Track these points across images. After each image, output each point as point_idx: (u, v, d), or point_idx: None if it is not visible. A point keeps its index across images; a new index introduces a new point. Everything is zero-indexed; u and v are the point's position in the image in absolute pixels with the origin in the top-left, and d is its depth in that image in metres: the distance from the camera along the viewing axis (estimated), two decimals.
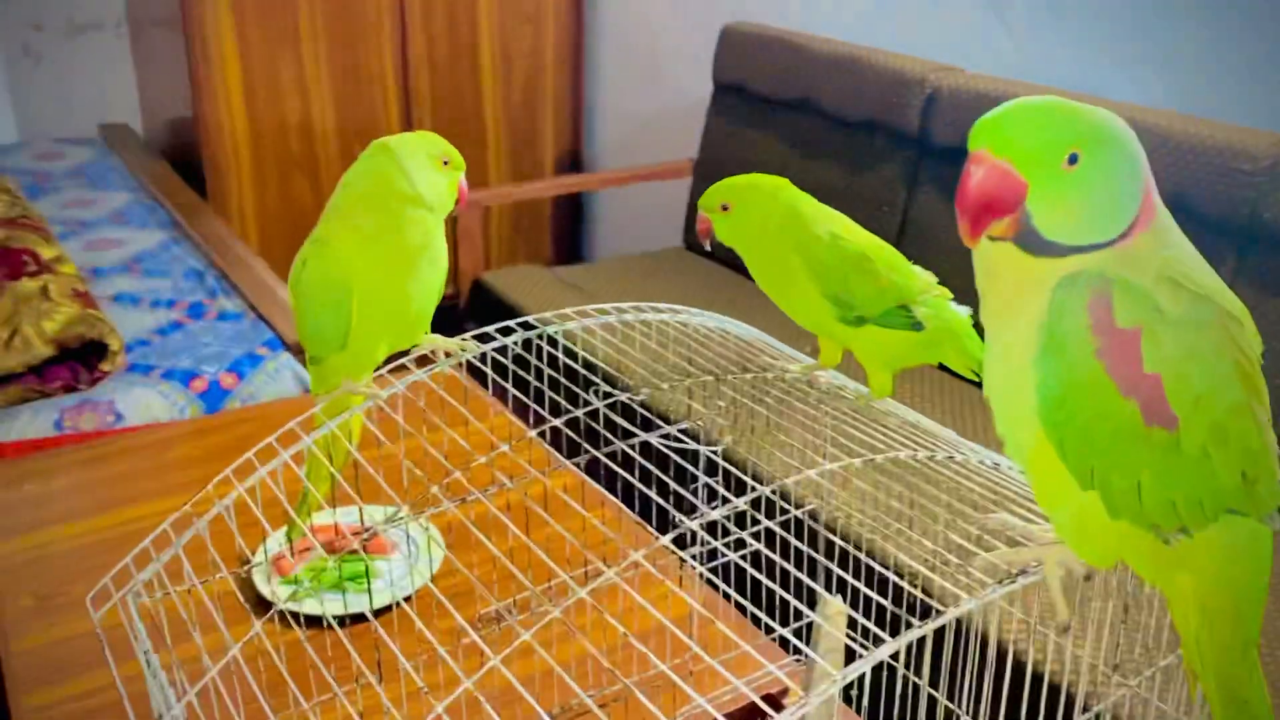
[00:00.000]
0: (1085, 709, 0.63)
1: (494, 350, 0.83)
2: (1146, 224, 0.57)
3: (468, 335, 0.86)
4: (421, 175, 0.84)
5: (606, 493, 0.85)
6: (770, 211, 0.85)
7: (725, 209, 0.86)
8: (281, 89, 3.02)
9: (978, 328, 0.89)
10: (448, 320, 0.89)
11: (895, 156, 2.35)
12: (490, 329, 0.85)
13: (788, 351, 0.91)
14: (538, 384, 0.86)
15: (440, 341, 0.87)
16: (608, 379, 1.67)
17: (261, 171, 3.07)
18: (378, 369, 0.88)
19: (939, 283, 0.89)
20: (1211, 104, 1.95)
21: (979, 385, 2.29)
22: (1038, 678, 1.23)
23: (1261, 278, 1.75)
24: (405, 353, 0.88)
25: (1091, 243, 0.56)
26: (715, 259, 2.81)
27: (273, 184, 3.09)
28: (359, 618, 1.12)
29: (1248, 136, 1.77)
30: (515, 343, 0.84)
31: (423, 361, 0.87)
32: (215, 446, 1.59)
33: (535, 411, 0.86)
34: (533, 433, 0.78)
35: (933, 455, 0.70)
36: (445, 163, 0.85)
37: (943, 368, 0.90)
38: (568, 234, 3.62)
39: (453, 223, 2.72)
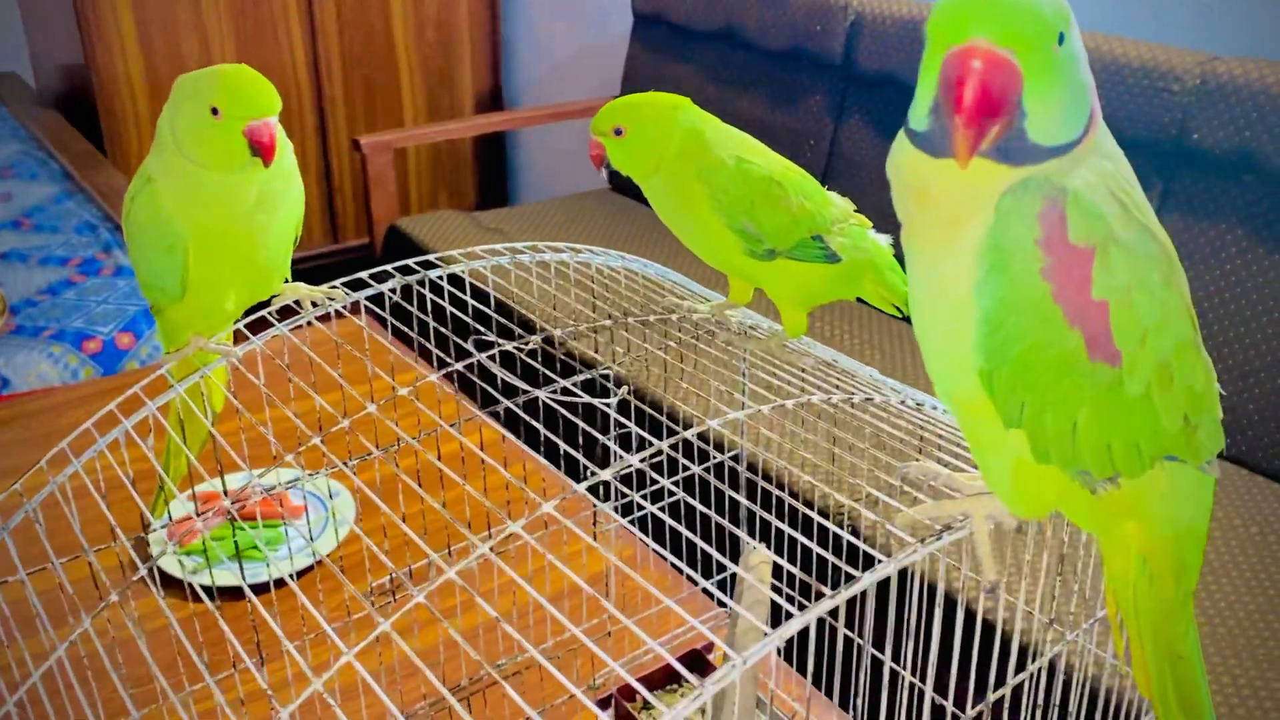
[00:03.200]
0: (1034, 657, 0.58)
1: (368, 297, 0.75)
2: (1095, 125, 0.50)
3: (337, 282, 0.77)
4: (184, 127, 0.71)
5: (521, 444, 0.78)
6: (668, 135, 0.77)
7: (619, 133, 0.77)
8: (177, 31, 2.85)
9: (899, 258, 0.83)
10: (362, 265, 0.79)
11: (820, 87, 2.27)
12: (365, 274, 0.77)
13: (700, 291, 0.84)
14: (436, 327, 0.78)
15: (304, 290, 0.78)
16: (511, 322, 1.59)
17: None
18: (236, 323, 0.78)
19: (858, 211, 0.82)
20: (1137, 24, 1.90)
21: (901, 319, 2.23)
22: (983, 626, 1.20)
23: (1190, 201, 1.72)
24: (266, 304, 0.79)
25: (1063, 142, 0.48)
26: (643, 199, 2.72)
27: None
28: (263, 587, 1.04)
29: (1174, 56, 1.73)
30: (392, 290, 0.75)
31: (287, 313, 0.78)
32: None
33: (438, 357, 0.78)
34: (435, 375, 0.70)
35: (851, 398, 0.63)
36: (214, 111, 0.70)
37: (862, 301, 0.83)
38: (492, 177, 3.50)
39: (361, 167, 2.60)
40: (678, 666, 0.79)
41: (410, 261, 0.79)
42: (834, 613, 0.61)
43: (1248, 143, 1.63)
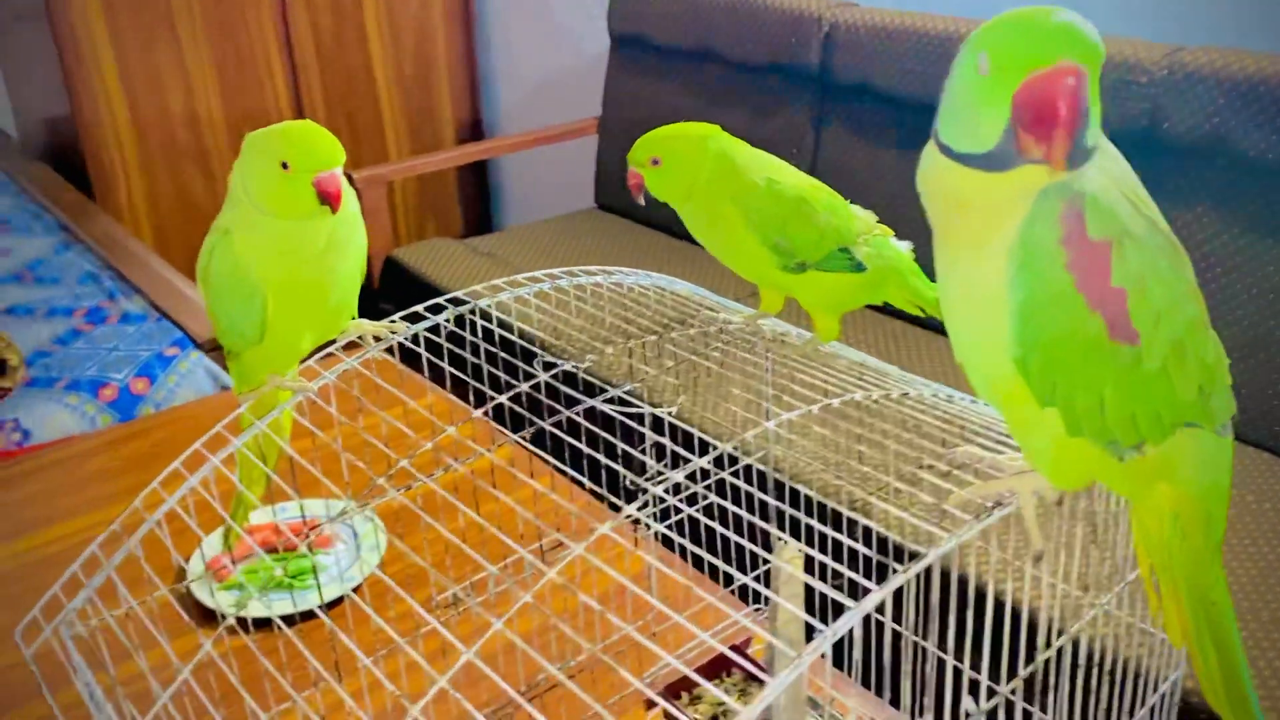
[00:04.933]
0: (1060, 632, 0.63)
1: (426, 330, 0.80)
2: (1100, 135, 0.56)
3: (395, 317, 0.82)
4: (255, 182, 0.77)
5: (555, 461, 0.83)
6: (701, 162, 0.83)
7: (656, 163, 0.83)
8: (162, 80, 2.89)
9: (919, 263, 0.88)
10: (360, 301, 0.84)
11: (800, 98, 2.34)
12: (419, 308, 0.82)
13: (727, 303, 0.89)
14: (475, 360, 0.83)
15: (367, 326, 0.83)
16: (546, 348, 1.64)
17: (150, 166, 2.94)
18: (304, 360, 0.83)
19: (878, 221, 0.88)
20: (1104, 19, 1.98)
21: (918, 322, 2.30)
22: (1014, 610, 1.25)
23: (1164, 189, 1.79)
24: (332, 342, 0.84)
25: (1096, 144, 0.55)
26: (630, 216, 2.78)
27: (163, 178, 2.97)
28: (307, 615, 1.08)
29: (1141, 49, 1.80)
30: (448, 320, 0.80)
31: (352, 349, 0.83)
32: (134, 456, 1.53)
33: (475, 388, 0.83)
34: (477, 413, 0.75)
35: (887, 394, 0.69)
36: (284, 165, 0.75)
37: (881, 307, 0.89)
38: (476, 204, 3.55)
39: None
40: (737, 659, 0.84)
41: (460, 293, 0.83)
42: (882, 609, 0.66)
43: (1216, 128, 1.70)
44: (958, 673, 0.71)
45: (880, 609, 0.50)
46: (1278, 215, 1.67)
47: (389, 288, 2.61)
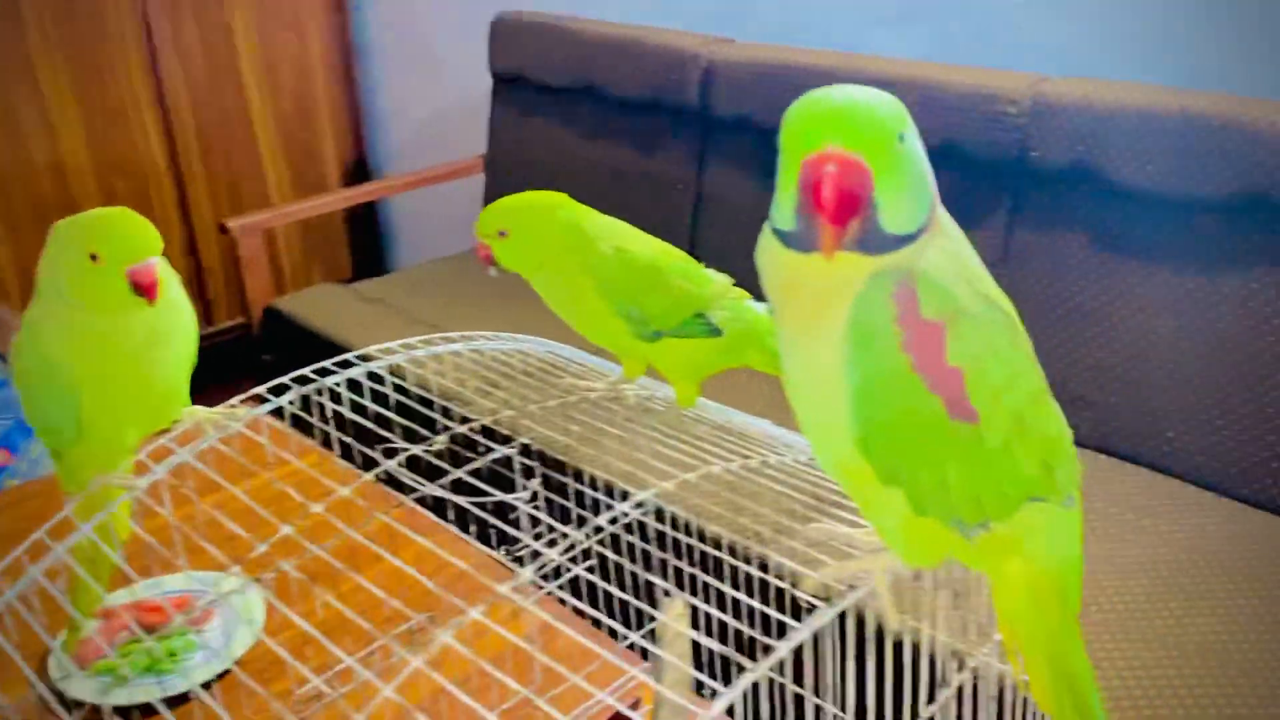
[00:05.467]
0: (931, 699, 0.62)
1: (268, 412, 0.75)
2: (935, 209, 0.56)
3: (235, 400, 0.78)
4: (64, 274, 0.72)
5: (450, 523, 0.79)
6: (550, 232, 0.81)
7: (503, 235, 0.81)
8: (23, 128, 2.76)
9: None
10: (241, 350, 0.79)
11: (682, 133, 2.34)
12: (260, 390, 0.78)
13: (594, 363, 0.87)
14: (341, 435, 0.79)
15: (202, 414, 0.79)
16: (423, 414, 1.60)
17: (13, 220, 2.81)
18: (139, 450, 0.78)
19: (732, 268, 0.86)
20: (970, 52, 2.02)
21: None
22: (894, 667, 1.25)
23: (1037, 216, 1.83)
24: (165, 432, 0.79)
25: (912, 230, 0.54)
26: None
27: (29, 233, 2.84)
28: (180, 699, 1.02)
29: (1007, 80, 1.84)
30: (292, 401, 0.76)
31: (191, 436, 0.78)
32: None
33: (360, 449, 0.78)
34: (367, 475, 0.71)
35: (748, 462, 0.67)
36: (94, 257, 0.70)
37: None
38: (365, 246, 3.48)
39: (231, 250, 2.56)
40: (631, 716, 0.81)
41: (307, 371, 0.79)
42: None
43: (1082, 156, 1.75)
44: None
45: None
46: (1144, 240, 1.72)
47: (271, 338, 2.53)
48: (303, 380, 0.78)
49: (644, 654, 1.05)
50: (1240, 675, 1.27)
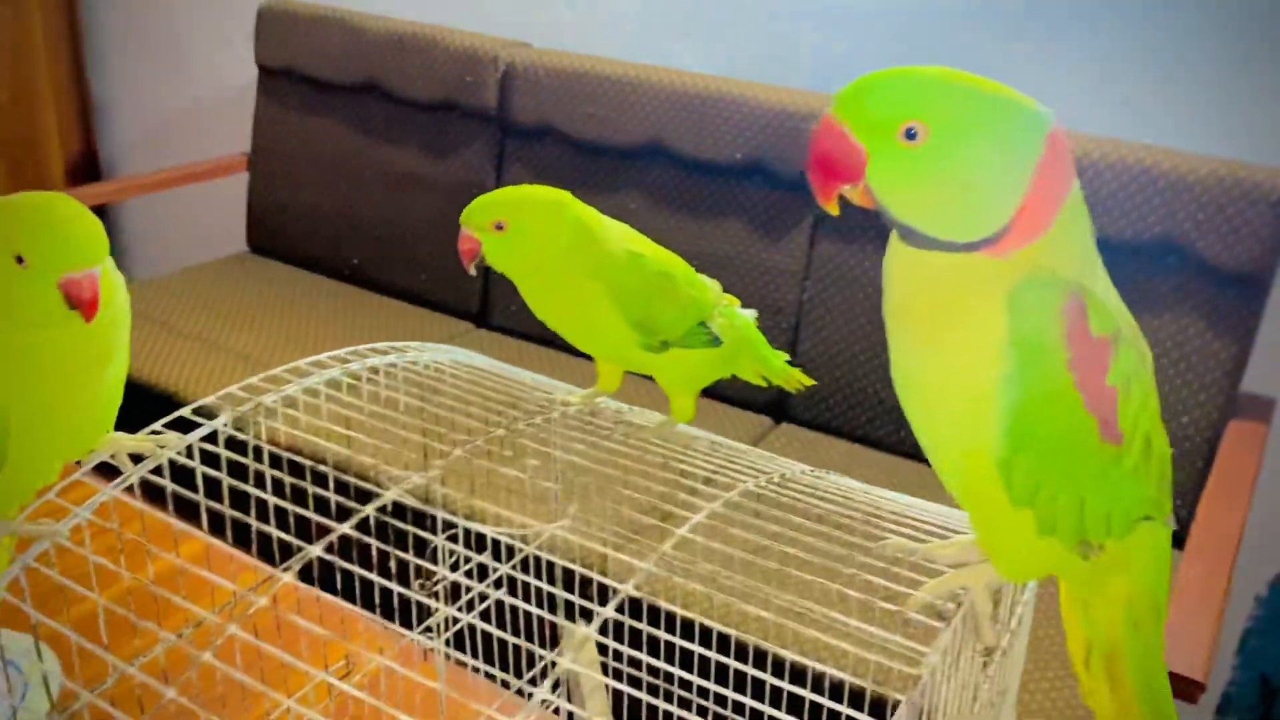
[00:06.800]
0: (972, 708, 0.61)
1: (178, 452, 0.63)
2: (1030, 235, 0.52)
3: (159, 424, 0.65)
4: None
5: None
6: (556, 230, 0.73)
7: (500, 228, 0.72)
8: None
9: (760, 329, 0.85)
10: None
11: (478, 136, 2.26)
12: (156, 427, 0.65)
13: (544, 381, 0.80)
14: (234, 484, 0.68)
15: (126, 443, 0.65)
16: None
17: None
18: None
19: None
20: (763, 71, 2.08)
21: (767, 390, 2.24)
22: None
23: (837, 227, 1.91)
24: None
25: (965, 239, 0.52)
26: (288, 259, 2.56)
27: None
28: None
29: (809, 99, 1.91)
30: (225, 423, 0.65)
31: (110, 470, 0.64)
32: None
33: (259, 517, 0.67)
34: (281, 572, 0.60)
35: (770, 477, 0.64)
36: (19, 259, 0.56)
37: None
38: None
39: None
40: None
41: (212, 398, 0.68)
42: None
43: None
44: None
45: None
46: None
47: None
48: (231, 402, 0.66)
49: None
50: (1046, 656, 1.38)
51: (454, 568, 0.80)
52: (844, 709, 0.59)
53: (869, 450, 1.88)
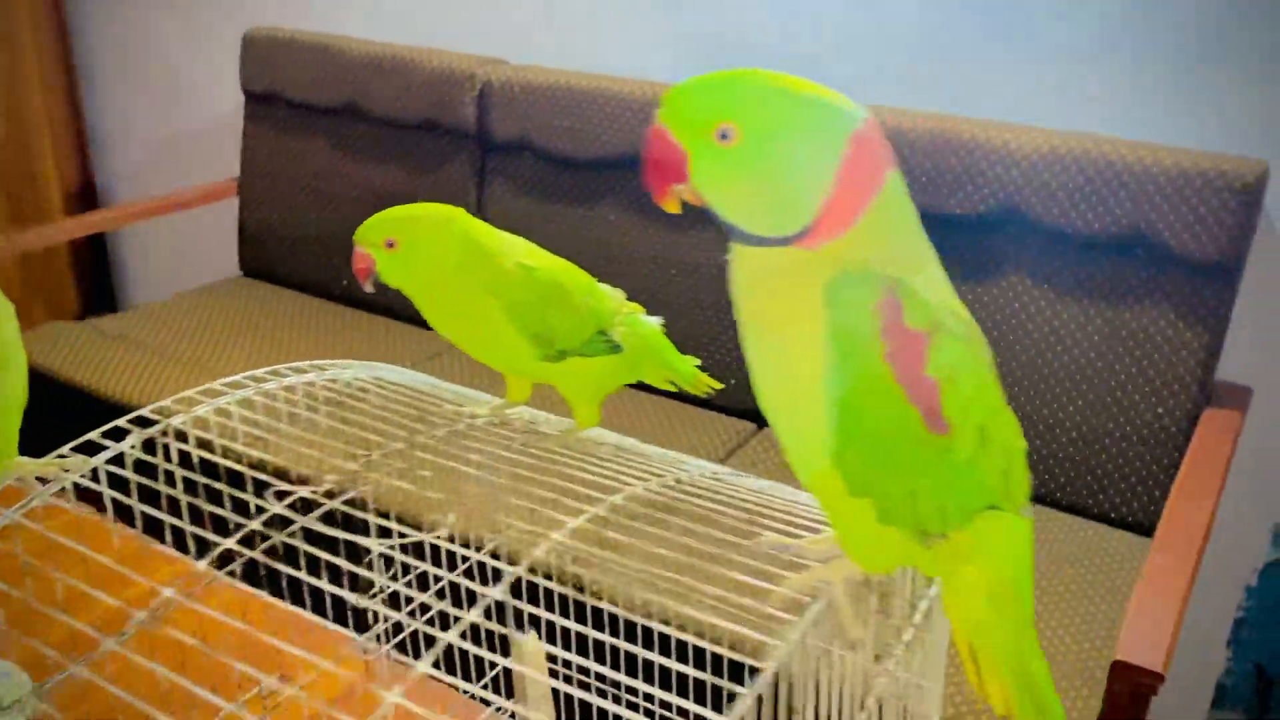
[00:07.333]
0: (861, 705, 0.63)
1: (106, 462, 0.66)
2: (838, 229, 0.54)
3: (66, 449, 0.67)
4: None
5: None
6: (446, 247, 0.75)
7: (391, 245, 0.74)
8: None
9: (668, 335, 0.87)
10: None
11: (459, 154, 2.29)
12: (95, 434, 0.68)
13: (460, 391, 0.82)
14: (170, 490, 0.70)
15: (29, 466, 0.68)
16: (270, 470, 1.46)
17: None
18: None
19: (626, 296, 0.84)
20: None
21: (673, 396, 2.26)
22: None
23: None
24: None
25: (777, 234, 0.54)
26: (282, 282, 2.59)
27: None
28: None
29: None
30: (134, 446, 0.67)
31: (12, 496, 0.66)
32: None
33: (177, 522, 0.69)
34: (202, 563, 0.62)
35: (663, 480, 0.65)
36: None
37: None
38: (94, 280, 3.17)
39: None
40: None
41: (124, 421, 0.70)
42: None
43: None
44: None
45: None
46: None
47: None
48: (91, 448, 0.67)
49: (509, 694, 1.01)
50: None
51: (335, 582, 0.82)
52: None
53: None
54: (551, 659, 0.91)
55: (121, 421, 0.69)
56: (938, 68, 1.91)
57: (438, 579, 0.78)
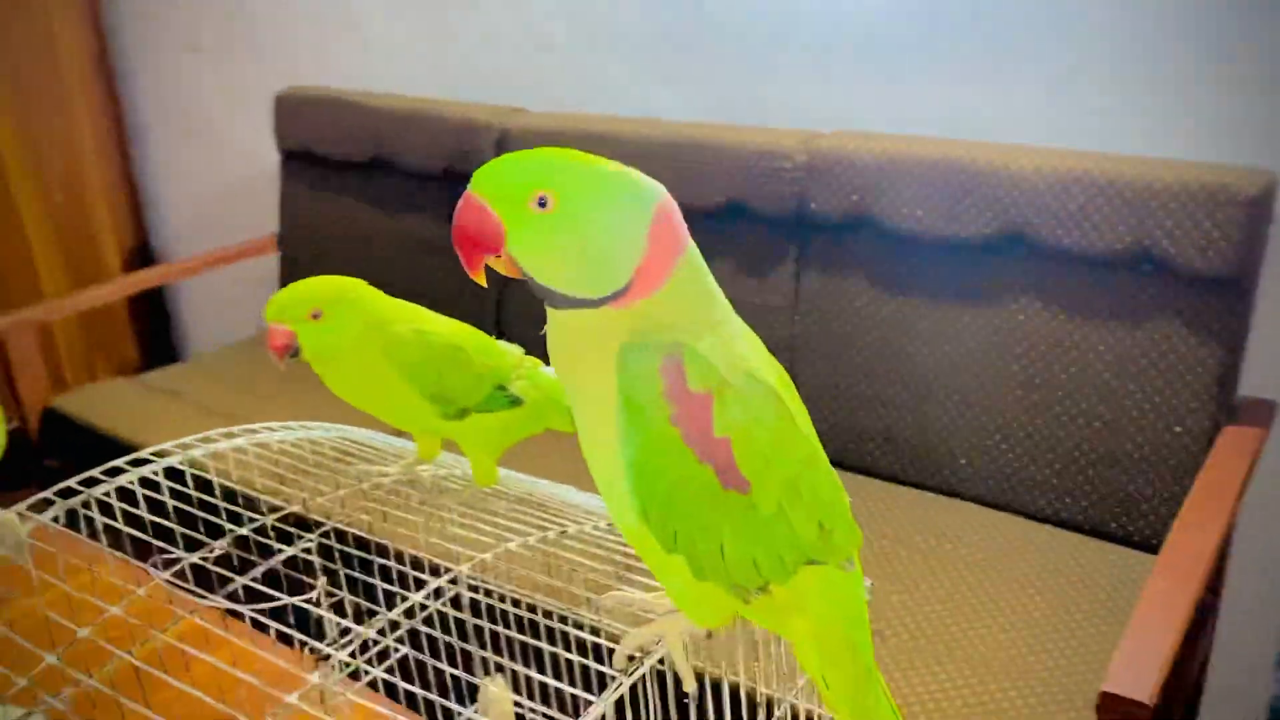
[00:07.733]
0: None
1: (61, 510, 0.70)
2: (647, 291, 0.56)
3: (25, 505, 0.72)
4: None
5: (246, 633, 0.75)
6: (354, 316, 0.78)
7: (317, 316, 0.78)
8: None
9: None
10: (19, 456, 0.73)
11: None
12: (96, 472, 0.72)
13: (388, 444, 0.85)
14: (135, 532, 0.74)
15: None
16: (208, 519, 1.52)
17: None
18: None
19: (526, 351, 0.87)
20: (745, 113, 2.12)
21: None
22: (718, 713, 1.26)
23: (821, 262, 1.93)
24: None
25: (591, 296, 0.56)
26: None
27: None
28: None
29: (783, 138, 1.94)
30: (56, 518, 0.71)
31: None
32: None
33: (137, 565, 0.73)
34: (117, 609, 0.66)
35: (546, 535, 0.67)
36: None
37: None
38: (151, 334, 3.31)
39: (1, 350, 2.39)
40: None
41: (72, 482, 0.74)
42: None
43: (857, 205, 1.85)
44: None
45: None
46: (919, 278, 1.83)
47: (53, 442, 2.36)
48: (68, 492, 0.72)
49: None
50: (1021, 676, 1.35)
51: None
52: None
53: (861, 478, 1.88)
54: None
55: (96, 473, 0.73)
56: (937, 88, 1.90)
57: None
